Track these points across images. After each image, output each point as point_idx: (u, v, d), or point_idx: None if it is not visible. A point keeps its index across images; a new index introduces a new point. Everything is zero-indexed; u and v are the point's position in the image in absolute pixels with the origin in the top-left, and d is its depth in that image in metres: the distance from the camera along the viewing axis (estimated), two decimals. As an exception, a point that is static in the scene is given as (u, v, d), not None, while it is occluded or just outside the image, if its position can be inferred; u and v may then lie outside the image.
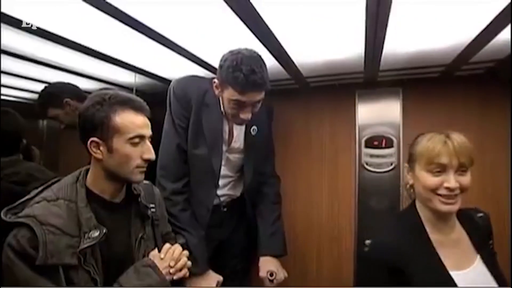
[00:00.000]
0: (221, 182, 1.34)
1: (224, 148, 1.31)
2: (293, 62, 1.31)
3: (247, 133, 1.33)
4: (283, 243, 1.42)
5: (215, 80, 1.16)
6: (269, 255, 1.36)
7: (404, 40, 1.11)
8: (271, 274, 1.30)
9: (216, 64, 1.33)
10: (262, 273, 1.32)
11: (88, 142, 0.83)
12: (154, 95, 1.82)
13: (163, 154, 1.26)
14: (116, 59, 1.32)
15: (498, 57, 1.24)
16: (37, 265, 0.71)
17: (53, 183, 0.86)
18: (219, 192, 1.35)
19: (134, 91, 1.58)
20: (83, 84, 1.72)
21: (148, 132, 0.88)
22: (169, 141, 1.27)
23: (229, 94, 1.11)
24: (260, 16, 0.91)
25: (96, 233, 0.79)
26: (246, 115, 1.15)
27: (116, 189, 0.89)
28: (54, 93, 1.54)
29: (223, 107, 1.22)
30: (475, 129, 1.53)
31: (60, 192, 0.82)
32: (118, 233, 0.90)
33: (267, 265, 1.34)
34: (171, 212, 1.20)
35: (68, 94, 1.54)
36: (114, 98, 0.85)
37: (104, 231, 0.81)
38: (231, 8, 0.86)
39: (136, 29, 1.00)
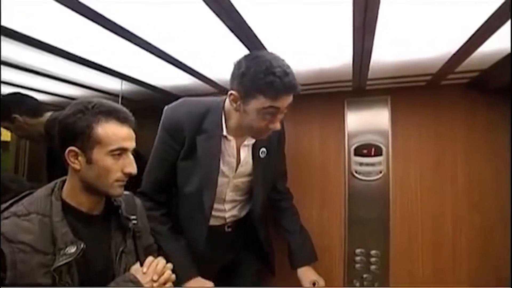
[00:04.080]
0: (227, 206, 1.27)
1: (231, 175, 1.21)
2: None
3: (255, 155, 1.21)
4: (314, 250, 1.43)
5: (233, 92, 1.03)
6: (305, 264, 1.37)
7: (392, 50, 1.11)
8: (314, 284, 1.32)
9: (204, 71, 1.31)
10: (305, 283, 1.32)
11: (66, 151, 0.79)
12: (141, 102, 1.79)
13: (144, 179, 1.22)
14: (102, 66, 1.29)
15: (482, 68, 1.26)
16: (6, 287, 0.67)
17: (24, 196, 0.81)
18: (225, 214, 1.29)
19: (120, 98, 1.54)
20: (68, 90, 1.68)
21: (131, 145, 0.84)
22: (150, 170, 1.21)
23: (259, 103, 0.99)
24: (249, 25, 0.91)
25: (73, 249, 0.75)
26: (276, 125, 1.04)
27: (95, 201, 0.85)
28: (4, 107, 1.49)
29: (244, 121, 1.06)
30: (462, 137, 1.55)
31: (32, 206, 0.77)
32: (98, 248, 0.86)
33: (308, 275, 1.35)
34: (151, 227, 1.15)
35: (17, 109, 1.49)
36: (98, 107, 0.81)
37: (82, 246, 0.77)
38: (219, 17, 0.84)
39: (122, 36, 0.98)
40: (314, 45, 1.07)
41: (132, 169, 0.83)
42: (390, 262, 1.58)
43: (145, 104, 1.84)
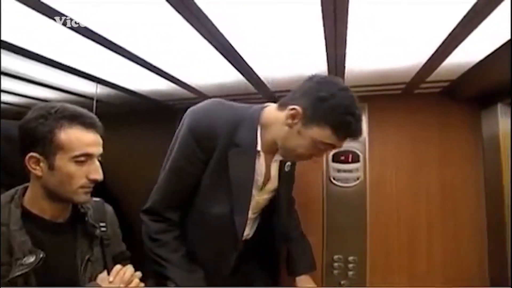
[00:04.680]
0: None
1: (256, 192, 1.07)
2: (259, 78, 1.32)
3: (281, 171, 1.11)
4: (313, 258, 1.36)
5: (297, 108, 0.90)
6: (304, 273, 1.30)
7: (367, 58, 1.14)
8: None
9: (181, 77, 1.30)
10: None
11: (27, 157, 0.77)
12: (118, 106, 1.77)
13: (155, 195, 1.03)
14: (76, 69, 1.27)
15: (452, 78, 1.30)
16: None
17: None
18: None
19: (95, 101, 1.52)
20: (43, 93, 1.64)
21: (97, 150, 0.82)
22: (165, 184, 1.01)
23: (322, 134, 0.89)
24: (221, 33, 0.91)
25: (32, 259, 0.72)
26: (320, 159, 1.03)
27: (59, 208, 0.83)
28: None
29: (290, 141, 0.94)
30: (436, 145, 1.59)
31: None
32: (61, 256, 0.83)
33: (306, 283, 1.28)
34: (158, 253, 0.98)
35: None
36: (61, 112, 0.79)
37: (41, 255, 0.74)
38: (192, 26, 0.85)
39: (97, 42, 0.97)
40: (290, 52, 1.08)
41: (98, 175, 0.81)
42: (367, 268, 1.59)
43: (123, 109, 1.82)
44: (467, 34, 0.89)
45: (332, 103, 0.87)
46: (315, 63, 1.17)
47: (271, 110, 1.00)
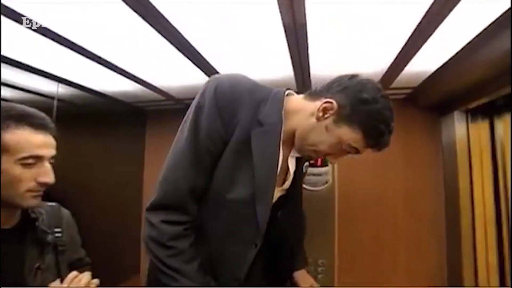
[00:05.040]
0: None
1: (277, 186, 0.94)
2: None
3: (298, 169, 0.99)
4: (305, 252, 1.31)
5: (333, 102, 0.82)
6: (301, 267, 1.25)
7: (331, 65, 1.17)
8: (312, 285, 1.26)
9: (146, 78, 1.28)
10: (306, 285, 1.21)
11: (-31, 159, 0.72)
12: (82, 107, 1.70)
13: (166, 184, 0.83)
14: (36, 69, 1.21)
15: (413, 85, 1.37)
16: None
17: None
18: None
19: (55, 101, 1.45)
20: (3, 93, 1.55)
21: (48, 152, 0.78)
22: (183, 173, 0.82)
23: (350, 136, 0.82)
24: (185, 39, 0.91)
25: (-28, 267, 0.67)
26: (335, 161, 0.91)
27: (5, 214, 0.77)
28: None
29: (313, 134, 0.85)
30: (400, 151, 1.66)
31: None
32: (8, 265, 0.77)
33: (306, 278, 1.24)
34: (170, 264, 0.81)
35: None
36: (7, 112, 0.75)
37: (-17, 264, 0.69)
38: (155, 29, 0.84)
39: (57, 42, 0.93)
40: (257, 57, 1.09)
41: (48, 178, 0.77)
42: (336, 271, 1.62)
43: (88, 109, 1.76)
44: (423, 43, 0.94)
45: (373, 108, 0.80)
46: (282, 67, 1.19)
47: (296, 97, 0.91)
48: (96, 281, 0.87)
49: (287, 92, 0.89)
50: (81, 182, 1.96)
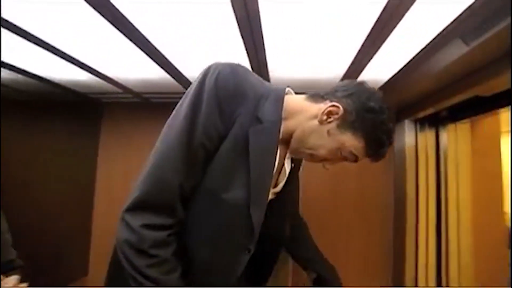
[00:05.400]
0: None
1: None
2: (185, 77, 1.29)
3: (293, 171, 0.94)
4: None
5: (339, 106, 0.79)
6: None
7: (289, 69, 1.18)
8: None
9: (100, 69, 1.21)
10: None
11: None
12: (23, 92, 1.58)
13: (152, 180, 0.72)
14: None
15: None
16: None
17: None
18: None
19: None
20: None
21: None
22: (172, 168, 0.73)
23: (352, 144, 0.80)
24: (146, 38, 0.87)
25: None
26: (330, 167, 0.87)
27: None
28: None
29: (313, 137, 0.82)
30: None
31: None
32: None
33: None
34: (150, 275, 0.70)
35: None
36: None
37: None
38: (114, 26, 0.79)
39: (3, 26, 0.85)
40: (211, 52, 1.08)
41: None
42: (290, 276, 1.67)
43: (33, 96, 1.63)
44: (375, 51, 0.98)
45: (378, 118, 0.79)
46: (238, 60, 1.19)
47: (296, 97, 0.87)
48: (24, 285, 0.80)
49: (286, 90, 0.86)
50: (23, 178, 1.80)
